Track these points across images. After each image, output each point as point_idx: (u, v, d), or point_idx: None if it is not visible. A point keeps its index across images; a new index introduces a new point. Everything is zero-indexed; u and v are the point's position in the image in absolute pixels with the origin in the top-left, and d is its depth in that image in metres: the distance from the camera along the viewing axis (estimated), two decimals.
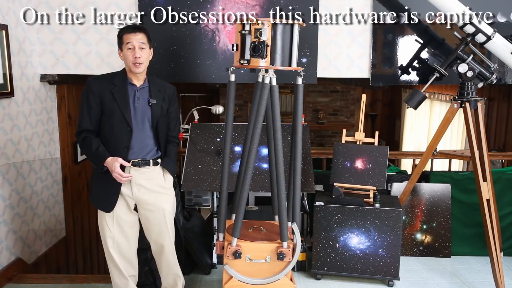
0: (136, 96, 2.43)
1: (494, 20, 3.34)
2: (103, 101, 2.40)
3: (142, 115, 2.43)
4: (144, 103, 2.44)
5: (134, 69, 2.38)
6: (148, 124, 2.45)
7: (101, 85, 2.41)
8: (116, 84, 2.42)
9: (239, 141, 3.35)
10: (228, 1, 3.37)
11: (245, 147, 2.47)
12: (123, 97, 2.40)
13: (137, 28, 2.39)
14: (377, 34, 3.44)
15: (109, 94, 2.40)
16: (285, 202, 2.36)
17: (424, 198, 3.53)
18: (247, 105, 8.58)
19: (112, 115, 2.40)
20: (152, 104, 2.44)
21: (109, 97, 2.39)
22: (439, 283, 3.16)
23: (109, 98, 2.39)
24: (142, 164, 2.45)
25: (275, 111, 2.32)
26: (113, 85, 2.41)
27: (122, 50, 2.40)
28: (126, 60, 2.39)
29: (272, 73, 2.28)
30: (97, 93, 2.40)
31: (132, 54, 2.36)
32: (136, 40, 2.36)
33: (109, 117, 2.41)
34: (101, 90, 2.40)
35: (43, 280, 3.23)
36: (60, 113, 3.89)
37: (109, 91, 2.40)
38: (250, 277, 2.38)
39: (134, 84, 2.44)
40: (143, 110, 2.44)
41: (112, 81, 2.42)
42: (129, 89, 2.44)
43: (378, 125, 9.41)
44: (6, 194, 3.20)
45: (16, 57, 3.25)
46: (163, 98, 2.50)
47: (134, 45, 2.36)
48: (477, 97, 2.99)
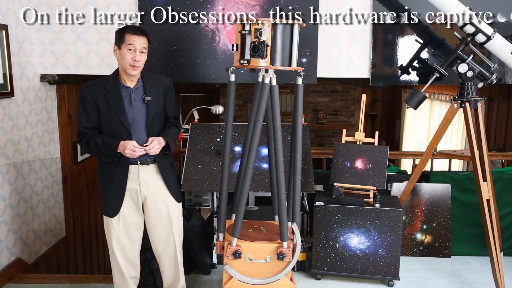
0: (132, 98, 2.41)
1: (494, 20, 3.34)
2: (99, 108, 2.39)
3: (139, 116, 2.42)
4: (140, 103, 2.42)
5: (130, 71, 2.35)
6: (145, 123, 2.43)
7: (95, 92, 2.38)
8: (110, 90, 2.38)
9: (239, 141, 3.35)
10: (228, 1, 3.37)
11: (245, 147, 2.47)
12: (118, 102, 2.37)
13: (142, 31, 2.36)
14: (377, 34, 3.44)
15: (103, 101, 2.37)
16: (285, 202, 2.36)
17: (424, 198, 3.53)
18: (247, 105, 8.58)
19: (109, 121, 2.39)
20: (147, 101, 2.42)
21: (104, 104, 2.37)
22: (439, 283, 3.16)
23: (104, 105, 2.37)
24: (150, 162, 2.46)
25: (275, 111, 2.32)
26: (107, 90, 2.38)
27: (120, 49, 2.35)
28: (123, 60, 2.34)
29: (272, 73, 2.28)
30: (92, 101, 2.38)
31: (132, 56, 2.32)
32: (138, 43, 2.33)
33: (107, 123, 2.40)
34: (96, 97, 2.37)
35: (43, 280, 3.23)
36: (60, 113, 3.89)
37: (103, 97, 2.37)
38: (250, 277, 2.39)
39: (128, 86, 2.41)
40: (140, 110, 2.42)
41: (105, 86, 2.39)
42: (124, 92, 2.40)
43: (378, 125, 9.41)
44: (6, 194, 3.20)
45: (16, 57, 3.25)
46: (158, 94, 2.47)
47: (136, 48, 2.33)
48: (477, 97, 2.99)
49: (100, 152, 2.41)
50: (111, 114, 2.37)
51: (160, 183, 2.50)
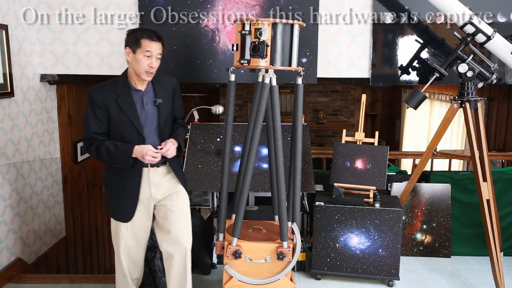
0: (144, 101, 2.35)
1: (494, 20, 3.34)
2: (109, 113, 2.30)
3: (151, 119, 2.36)
4: (152, 106, 2.37)
5: (145, 77, 2.29)
6: (157, 125, 2.38)
7: (105, 95, 2.29)
8: (120, 93, 2.30)
9: (239, 141, 3.35)
10: (228, 1, 3.37)
11: (245, 147, 2.47)
12: (130, 106, 2.30)
13: (158, 37, 2.29)
14: (377, 34, 3.44)
15: (114, 105, 2.29)
16: (285, 202, 2.36)
17: (424, 198, 3.53)
18: (247, 105, 8.58)
19: (121, 126, 2.31)
20: (159, 104, 2.36)
21: (115, 108, 2.29)
22: (439, 283, 3.16)
23: (116, 109, 2.29)
24: (160, 164, 2.42)
25: (275, 111, 2.32)
26: (117, 94, 2.30)
27: (135, 53, 2.26)
28: (138, 66, 2.27)
29: (272, 73, 2.28)
30: (102, 105, 2.29)
31: (149, 62, 2.26)
32: (155, 49, 2.27)
33: (118, 128, 2.32)
34: (106, 101, 2.29)
35: (43, 280, 3.23)
36: (60, 113, 3.89)
37: (114, 101, 2.29)
38: (250, 277, 2.39)
39: (139, 90, 2.35)
40: (152, 113, 2.36)
41: (115, 90, 2.31)
42: (135, 95, 2.34)
43: (378, 125, 9.41)
44: (6, 194, 3.20)
45: (16, 57, 3.25)
46: (167, 95, 2.42)
47: (153, 54, 2.26)
48: (477, 97, 2.99)
49: (114, 158, 2.32)
50: (123, 119, 2.30)
51: (172, 181, 2.47)
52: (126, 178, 2.37)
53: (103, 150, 2.30)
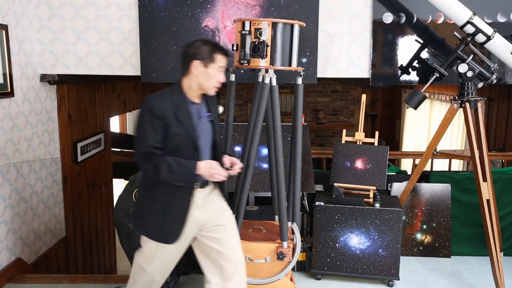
0: (199, 115, 2.18)
1: (494, 20, 3.34)
2: (167, 126, 2.08)
3: (205, 135, 2.20)
4: (206, 120, 2.20)
5: (211, 91, 2.16)
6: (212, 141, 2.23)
7: (164, 107, 2.08)
8: (178, 105, 2.11)
9: (239, 141, 3.35)
10: (228, 1, 3.37)
11: (245, 147, 2.47)
12: (189, 120, 2.12)
13: (228, 53, 2.19)
14: (377, 34, 3.44)
15: (172, 117, 2.08)
16: (285, 202, 2.36)
17: (424, 198, 3.53)
18: (247, 105, 8.58)
19: (176, 140, 2.10)
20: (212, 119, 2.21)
21: (174, 121, 2.08)
22: (439, 283, 3.16)
23: (174, 122, 2.08)
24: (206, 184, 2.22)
25: (275, 111, 2.32)
26: (175, 106, 2.10)
27: (206, 67, 2.10)
28: (208, 80, 2.12)
29: (272, 73, 2.28)
30: (160, 116, 2.06)
31: (219, 78, 2.13)
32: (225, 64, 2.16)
33: (173, 142, 2.10)
34: (164, 112, 2.07)
35: (43, 280, 3.23)
36: (60, 113, 3.89)
37: (172, 113, 2.08)
38: (250, 277, 2.38)
39: (196, 102, 2.17)
40: (206, 128, 2.20)
41: (173, 101, 2.10)
42: (192, 108, 2.15)
43: (378, 125, 9.42)
44: (6, 194, 3.20)
45: (16, 57, 3.25)
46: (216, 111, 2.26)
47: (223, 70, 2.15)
48: (477, 97, 3.00)
49: (176, 176, 2.08)
50: (180, 132, 2.09)
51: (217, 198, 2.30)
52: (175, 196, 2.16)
53: (163, 166, 2.06)
